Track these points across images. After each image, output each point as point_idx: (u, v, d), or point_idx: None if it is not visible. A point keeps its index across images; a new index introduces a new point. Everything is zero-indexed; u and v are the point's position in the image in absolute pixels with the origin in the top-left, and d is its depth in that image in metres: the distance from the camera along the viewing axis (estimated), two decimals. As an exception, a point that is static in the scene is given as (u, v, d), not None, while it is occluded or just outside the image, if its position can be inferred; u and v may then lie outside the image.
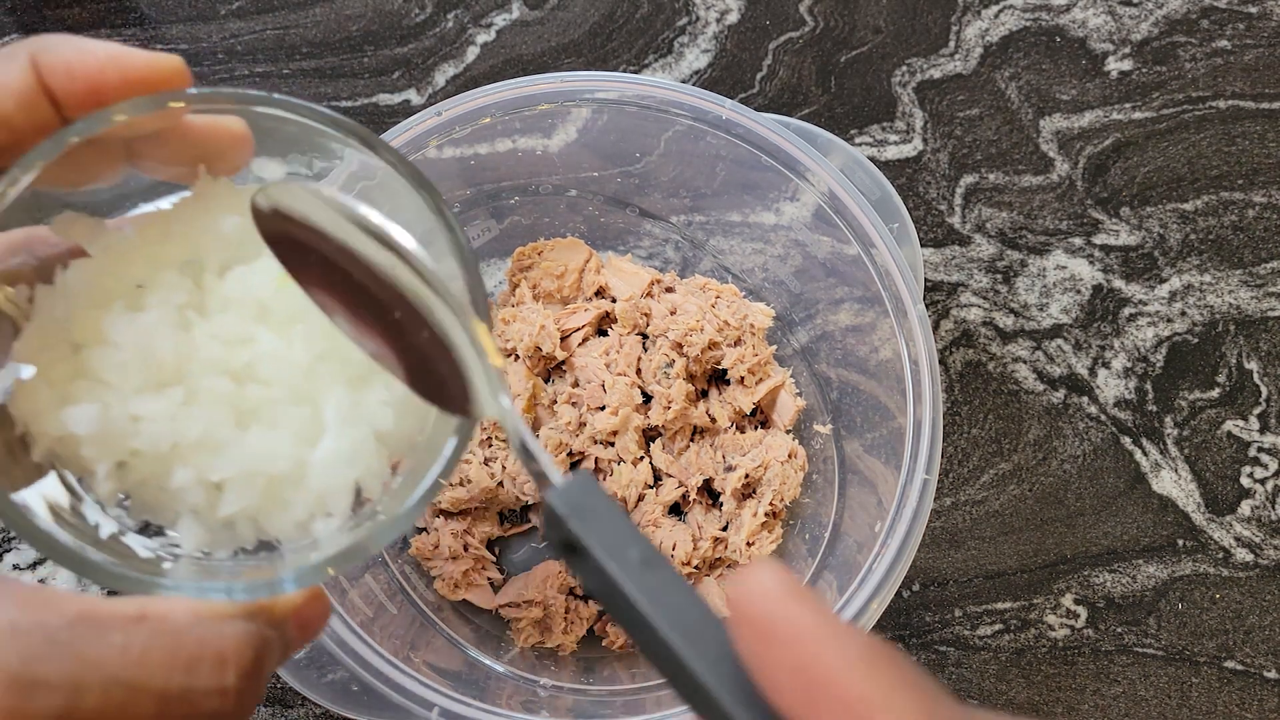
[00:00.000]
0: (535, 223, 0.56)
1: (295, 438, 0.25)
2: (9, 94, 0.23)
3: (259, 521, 0.25)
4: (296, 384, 0.25)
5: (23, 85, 0.23)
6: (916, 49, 0.67)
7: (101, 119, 0.23)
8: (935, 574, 0.54)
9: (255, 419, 0.25)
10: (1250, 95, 0.67)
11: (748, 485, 0.51)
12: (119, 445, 0.24)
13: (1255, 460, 0.57)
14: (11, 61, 0.23)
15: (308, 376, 0.26)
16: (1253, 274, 0.62)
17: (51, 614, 0.19)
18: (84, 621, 0.20)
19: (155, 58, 0.24)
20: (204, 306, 0.26)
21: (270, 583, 0.23)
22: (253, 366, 0.25)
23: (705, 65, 0.66)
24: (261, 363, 0.25)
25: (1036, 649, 0.53)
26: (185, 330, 0.25)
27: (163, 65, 0.24)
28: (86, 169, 0.25)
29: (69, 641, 0.19)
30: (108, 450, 0.24)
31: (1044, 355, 0.59)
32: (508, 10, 0.67)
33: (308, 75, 0.64)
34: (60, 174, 0.24)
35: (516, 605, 0.49)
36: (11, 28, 0.64)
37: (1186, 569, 0.55)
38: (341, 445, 0.25)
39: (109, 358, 0.24)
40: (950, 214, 0.62)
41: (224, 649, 0.21)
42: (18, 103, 0.23)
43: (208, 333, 0.25)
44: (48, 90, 0.23)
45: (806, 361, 0.54)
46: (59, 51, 0.23)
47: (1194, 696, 0.52)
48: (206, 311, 0.25)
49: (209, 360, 0.25)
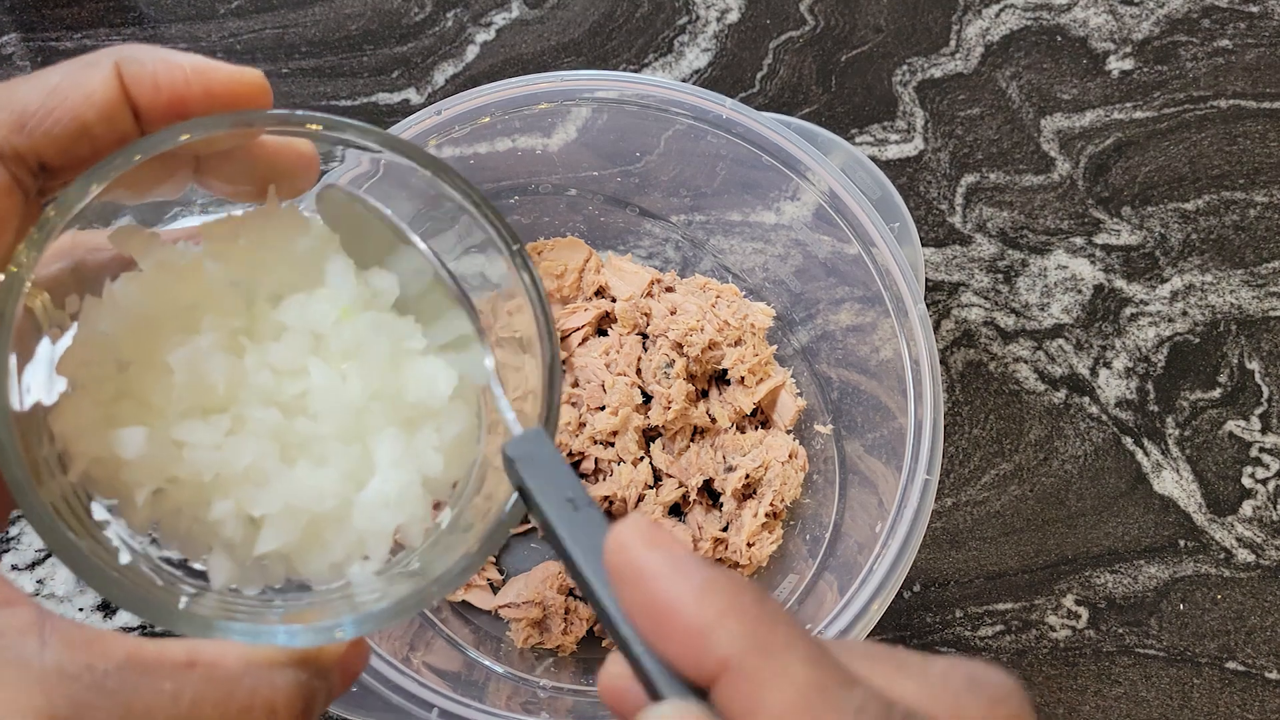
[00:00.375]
0: (535, 222, 0.56)
1: (343, 477, 0.24)
2: (92, 104, 0.22)
3: (293, 560, 0.25)
4: (347, 422, 0.25)
5: (107, 95, 0.22)
6: (917, 48, 0.67)
7: (175, 135, 0.23)
8: (936, 575, 0.54)
9: (304, 454, 0.24)
10: (1251, 95, 0.67)
11: (748, 486, 0.50)
12: (160, 471, 0.23)
13: (1257, 460, 0.57)
14: (96, 70, 0.22)
15: (359, 415, 0.25)
16: (1254, 274, 0.62)
17: (99, 657, 0.19)
18: (133, 666, 0.19)
19: (239, 72, 0.24)
20: (256, 332, 0.25)
21: (330, 628, 0.22)
22: (304, 399, 0.24)
23: (705, 64, 0.66)
24: (313, 396, 0.24)
25: (1038, 650, 0.53)
26: (237, 356, 0.24)
27: (246, 81, 0.24)
28: (152, 181, 0.25)
29: (117, 689, 0.19)
30: (148, 475, 0.23)
31: (1045, 355, 0.59)
32: (507, 9, 0.67)
33: (307, 74, 0.64)
34: (126, 185, 0.24)
35: (515, 606, 0.49)
36: (10, 26, 0.64)
37: (1188, 569, 0.55)
38: (389, 488, 0.25)
39: (157, 380, 0.23)
40: (951, 213, 0.62)
41: (275, 699, 0.21)
42: (100, 113, 0.22)
43: (260, 360, 0.24)
44: (131, 101, 0.23)
45: (807, 361, 0.54)
46: (145, 62, 0.23)
47: (1195, 697, 0.52)
48: (259, 338, 0.25)
49: (259, 389, 0.24)
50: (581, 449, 0.51)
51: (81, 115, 0.22)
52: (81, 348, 0.24)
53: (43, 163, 0.22)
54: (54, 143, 0.22)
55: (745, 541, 0.49)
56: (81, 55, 0.23)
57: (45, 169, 0.22)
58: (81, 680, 0.18)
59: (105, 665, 0.19)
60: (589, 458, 0.51)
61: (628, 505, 0.51)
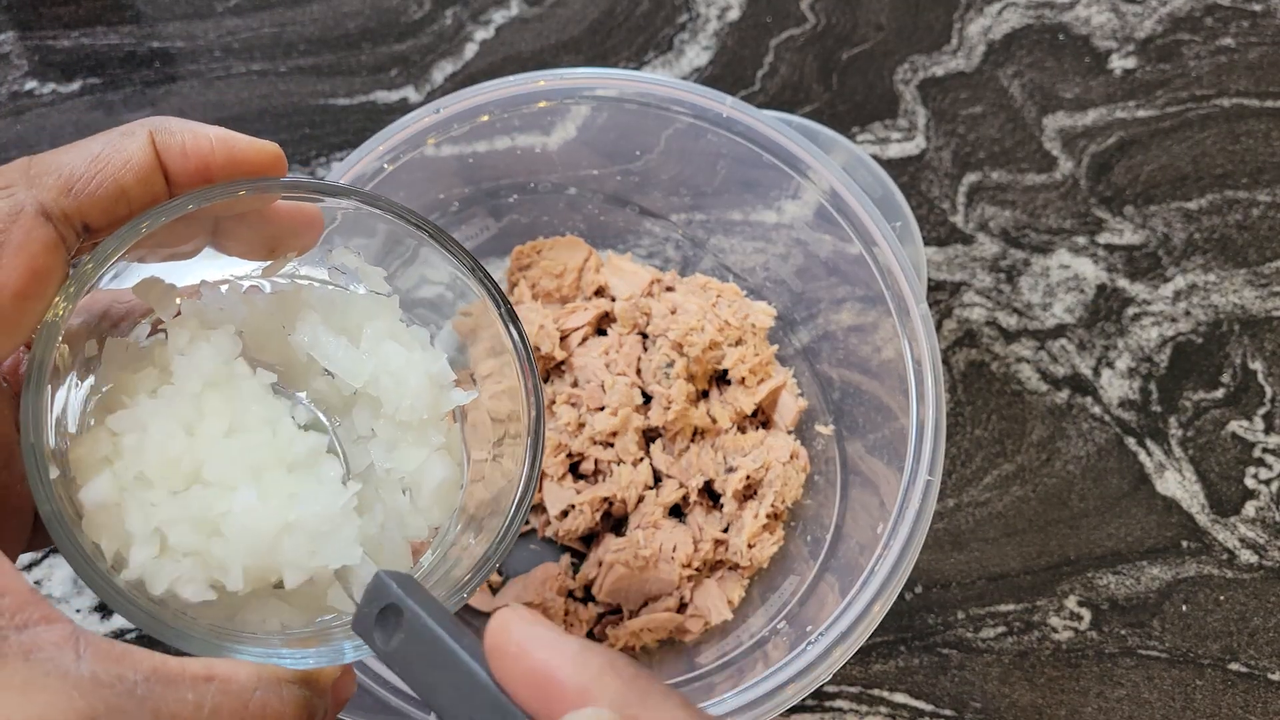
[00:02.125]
0: (534, 221, 0.55)
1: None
2: (130, 169, 0.25)
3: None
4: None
5: (143, 161, 0.25)
6: (919, 46, 0.67)
7: (201, 197, 0.25)
8: (938, 576, 0.54)
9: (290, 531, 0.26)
10: (1254, 93, 0.66)
11: (749, 486, 0.50)
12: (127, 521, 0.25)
13: (1260, 461, 0.57)
14: (132, 139, 0.25)
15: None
16: (1257, 273, 0.62)
17: (129, 668, 0.21)
18: (158, 677, 0.21)
19: (259, 143, 0.27)
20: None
21: (333, 652, 0.25)
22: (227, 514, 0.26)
23: (706, 62, 0.65)
24: (233, 516, 0.26)
25: (1040, 651, 0.52)
26: (197, 424, 0.26)
27: (266, 150, 0.27)
28: (174, 241, 0.28)
29: (146, 696, 0.21)
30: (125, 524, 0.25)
31: (1048, 355, 0.59)
32: (506, 7, 0.66)
33: (305, 73, 0.63)
34: (151, 244, 0.26)
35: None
36: (7, 24, 0.64)
37: (1191, 570, 0.54)
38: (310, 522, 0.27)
39: (129, 437, 0.26)
40: (953, 212, 0.62)
41: (284, 711, 0.23)
42: (137, 177, 0.25)
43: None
44: (162, 166, 0.26)
45: (808, 361, 0.53)
46: (175, 132, 0.26)
47: (1198, 699, 0.52)
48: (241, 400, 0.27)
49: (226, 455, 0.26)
50: (581, 449, 0.51)
51: (121, 180, 0.25)
52: (102, 388, 0.27)
53: (86, 223, 0.25)
54: (97, 204, 0.25)
55: (746, 543, 0.49)
56: (119, 126, 0.26)
57: (88, 229, 0.25)
58: (115, 689, 0.21)
59: (135, 676, 0.21)
60: (588, 458, 0.51)
61: (628, 506, 0.50)
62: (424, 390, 0.28)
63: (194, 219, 0.27)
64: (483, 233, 0.55)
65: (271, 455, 0.26)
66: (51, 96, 0.62)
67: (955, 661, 0.52)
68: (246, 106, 0.61)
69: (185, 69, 0.63)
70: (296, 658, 0.24)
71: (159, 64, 0.63)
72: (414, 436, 0.29)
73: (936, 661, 0.52)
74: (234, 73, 0.63)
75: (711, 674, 0.45)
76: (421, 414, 0.28)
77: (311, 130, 0.61)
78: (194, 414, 0.26)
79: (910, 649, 0.52)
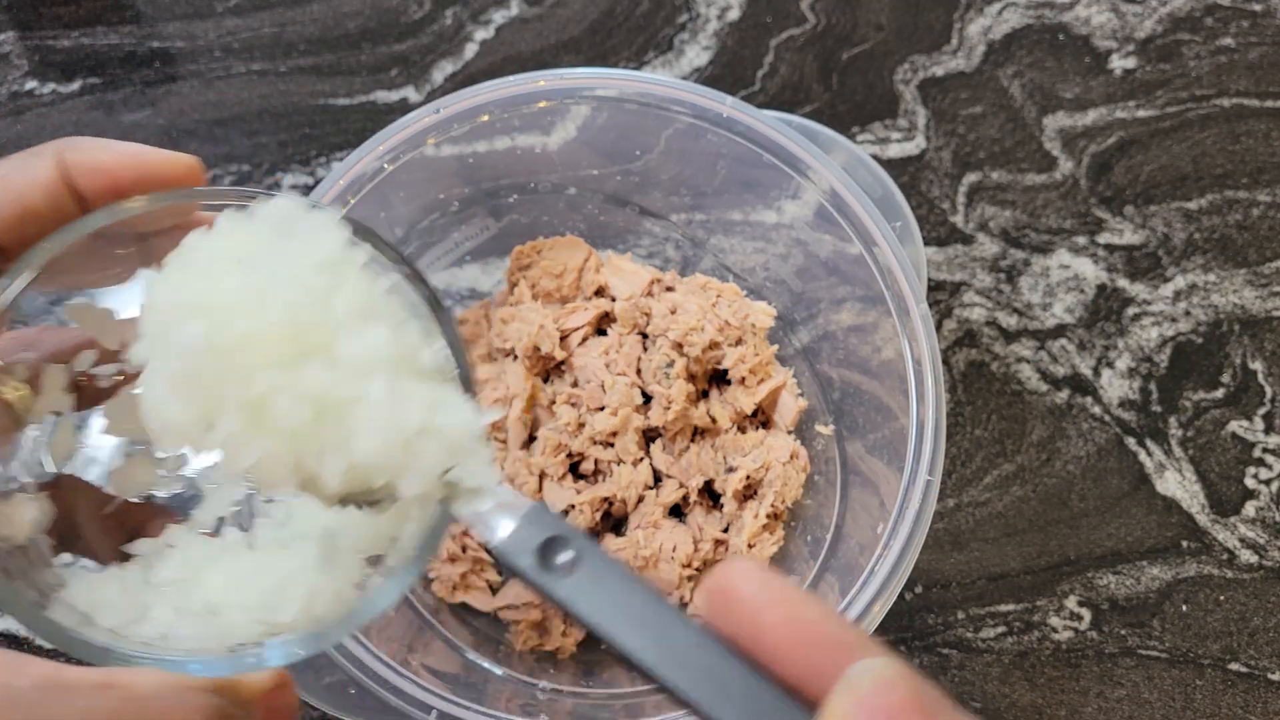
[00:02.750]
0: (534, 221, 0.55)
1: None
2: (37, 188, 0.25)
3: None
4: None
5: (49, 180, 0.25)
6: (919, 46, 0.67)
7: (108, 212, 0.25)
8: (938, 576, 0.54)
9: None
10: (1254, 93, 0.66)
11: (749, 486, 0.50)
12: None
13: (1260, 461, 0.57)
14: (39, 159, 0.25)
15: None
16: (1257, 273, 0.62)
17: (17, 676, 0.20)
18: (49, 685, 0.20)
19: (172, 157, 0.26)
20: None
21: (246, 657, 0.23)
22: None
23: (706, 62, 0.65)
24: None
25: (1040, 651, 0.52)
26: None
27: (180, 163, 0.26)
28: (99, 265, 0.27)
29: (33, 704, 0.20)
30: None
31: (1048, 355, 0.59)
32: (506, 7, 0.66)
33: (305, 72, 0.63)
34: (76, 270, 0.26)
35: (515, 608, 0.49)
36: (8, 25, 0.64)
37: (1191, 570, 0.54)
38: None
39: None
40: (953, 212, 0.62)
41: (188, 718, 0.22)
42: (44, 195, 0.25)
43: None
44: (72, 185, 0.25)
45: (808, 361, 0.53)
46: (83, 149, 0.25)
47: (1198, 699, 0.52)
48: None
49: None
50: (581, 449, 0.51)
51: (27, 199, 0.24)
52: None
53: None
54: (3, 225, 0.24)
55: (746, 543, 0.49)
56: (29, 148, 0.25)
57: (1, 252, 0.25)
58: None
59: (23, 684, 0.20)
60: (588, 458, 0.51)
61: (628, 506, 0.50)
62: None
63: (113, 239, 0.26)
64: (483, 233, 0.55)
65: (403, 355, 0.24)
66: (51, 96, 0.62)
67: (955, 661, 0.52)
68: (246, 106, 0.61)
69: (185, 69, 0.63)
70: (207, 664, 0.23)
71: (159, 64, 0.63)
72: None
73: (936, 661, 0.52)
74: (234, 73, 0.63)
75: (711, 674, 0.45)
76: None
77: (311, 130, 0.61)
78: (330, 282, 0.23)
79: (910, 649, 0.52)
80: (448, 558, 0.49)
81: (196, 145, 0.60)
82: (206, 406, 0.23)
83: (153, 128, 0.60)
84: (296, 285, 0.23)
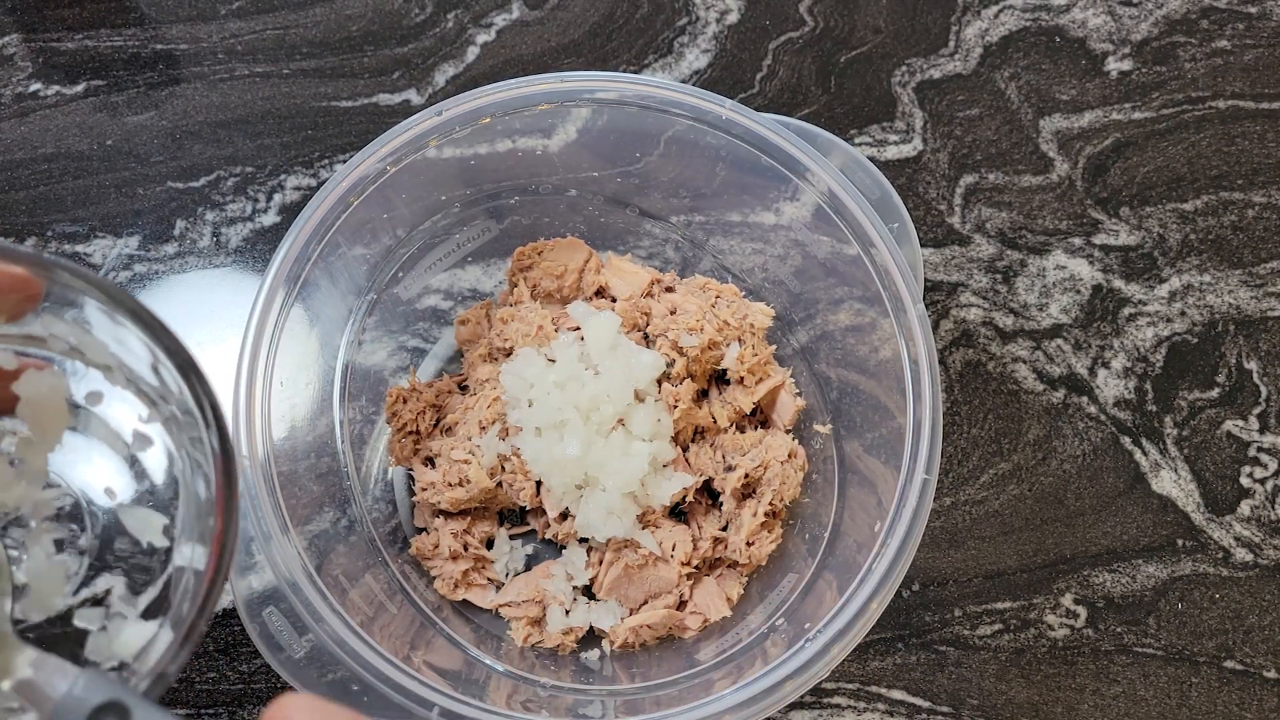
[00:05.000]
0: (535, 223, 0.56)
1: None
2: None
3: None
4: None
5: None
6: (916, 49, 0.67)
7: None
8: (935, 574, 0.54)
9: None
10: (1250, 95, 0.67)
11: (747, 485, 0.51)
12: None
13: (1255, 460, 0.57)
14: None
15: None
16: (1252, 274, 0.62)
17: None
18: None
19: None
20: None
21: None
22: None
23: (705, 65, 0.66)
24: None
25: (1036, 649, 0.53)
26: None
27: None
28: None
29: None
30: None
31: (1044, 355, 0.59)
32: (508, 10, 0.67)
33: (307, 75, 0.64)
34: None
35: (516, 605, 0.49)
36: (12, 27, 0.64)
37: (1186, 569, 0.55)
38: None
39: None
40: (950, 214, 0.63)
41: None
42: None
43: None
44: None
45: (806, 361, 0.54)
46: None
47: (1194, 696, 0.52)
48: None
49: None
50: (581, 449, 0.51)
51: None
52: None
53: None
54: None
55: (744, 541, 0.49)
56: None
57: None
58: None
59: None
60: (589, 457, 0.51)
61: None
62: None
63: None
64: (484, 234, 0.55)
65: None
66: (56, 98, 0.62)
67: (952, 659, 0.52)
68: (250, 109, 0.62)
69: (189, 71, 0.63)
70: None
71: (163, 66, 0.64)
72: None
73: (934, 659, 0.52)
74: (237, 75, 0.63)
75: (710, 671, 0.45)
76: None
77: (314, 132, 0.62)
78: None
79: (908, 646, 0.53)
80: (449, 555, 0.50)
81: (200, 147, 0.61)
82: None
83: (156, 130, 0.61)
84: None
